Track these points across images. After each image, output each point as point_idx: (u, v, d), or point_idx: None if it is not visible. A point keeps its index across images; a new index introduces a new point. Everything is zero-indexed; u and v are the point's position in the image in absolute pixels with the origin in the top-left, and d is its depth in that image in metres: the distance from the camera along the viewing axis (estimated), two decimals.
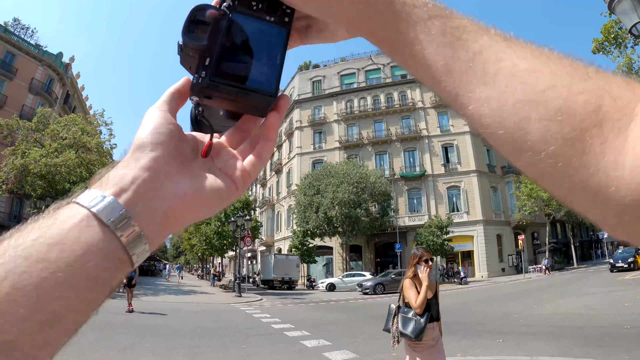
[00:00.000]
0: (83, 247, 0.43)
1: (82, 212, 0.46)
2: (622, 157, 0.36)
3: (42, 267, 0.40)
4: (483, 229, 48.94)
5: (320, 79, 64.08)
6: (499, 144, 0.44)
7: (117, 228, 0.46)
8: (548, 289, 25.77)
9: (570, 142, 0.38)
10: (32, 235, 0.43)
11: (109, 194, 0.48)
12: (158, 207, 0.50)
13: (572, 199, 0.41)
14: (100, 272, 0.44)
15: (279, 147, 67.30)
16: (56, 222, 0.45)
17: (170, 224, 0.53)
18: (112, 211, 0.46)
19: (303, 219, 45.50)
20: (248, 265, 69.52)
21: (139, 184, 0.50)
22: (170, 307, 21.12)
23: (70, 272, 0.42)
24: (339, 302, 26.64)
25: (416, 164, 53.74)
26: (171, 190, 0.52)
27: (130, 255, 0.47)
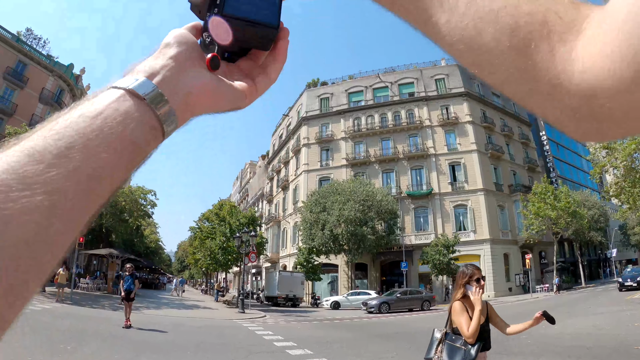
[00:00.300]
0: (122, 115, 0.51)
1: (119, 91, 0.53)
2: (569, 63, 0.42)
3: (90, 131, 0.47)
4: (490, 248, 48.45)
5: (328, 97, 64.26)
6: (464, 58, 0.50)
7: (152, 102, 0.54)
8: (556, 308, 25.35)
9: (520, 51, 0.45)
10: (75, 112, 0.50)
11: (142, 77, 0.56)
12: (184, 89, 0.59)
13: (531, 103, 0.48)
14: (138, 137, 0.52)
15: (286, 164, 67.39)
16: (96, 100, 0.52)
17: (193, 105, 0.61)
18: (146, 89, 0.55)
19: (309, 236, 45.28)
20: (252, 282, 69.33)
21: (167, 70, 0.59)
22: (173, 321, 20.90)
23: (112, 135, 0.49)
24: (344, 320, 26.34)
25: (423, 182, 53.52)
26: (195, 77, 0.61)
27: (163, 126, 0.56)
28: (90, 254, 47.77)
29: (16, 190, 0.41)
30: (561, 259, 55.19)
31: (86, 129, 0.48)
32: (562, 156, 79.74)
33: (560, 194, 46.71)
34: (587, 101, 0.42)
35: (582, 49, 0.42)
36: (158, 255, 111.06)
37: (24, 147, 0.45)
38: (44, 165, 0.43)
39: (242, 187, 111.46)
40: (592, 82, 0.41)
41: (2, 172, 0.41)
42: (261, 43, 0.71)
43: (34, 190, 0.41)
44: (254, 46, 0.72)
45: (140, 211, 46.16)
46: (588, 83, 0.41)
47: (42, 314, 17.56)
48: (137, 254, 69.76)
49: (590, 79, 0.41)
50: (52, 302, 23.63)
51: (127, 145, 0.50)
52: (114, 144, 0.49)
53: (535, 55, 0.44)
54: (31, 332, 12.77)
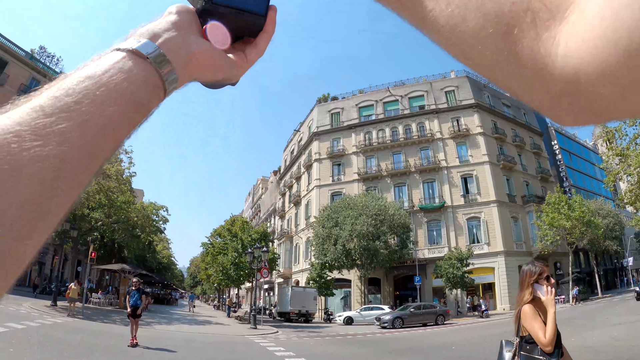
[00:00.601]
0: (126, 73, 0.55)
1: (122, 53, 0.57)
2: (554, 47, 0.43)
3: (96, 88, 0.52)
4: (504, 260, 47.83)
5: (338, 111, 64.37)
6: (450, 46, 0.52)
7: (154, 61, 0.59)
8: (572, 320, 24.89)
9: (504, 36, 0.46)
10: (82, 72, 0.54)
11: (144, 39, 0.61)
12: (184, 52, 0.64)
13: (516, 88, 0.49)
14: (141, 94, 0.56)
15: (298, 179, 67.46)
16: (101, 60, 0.56)
17: (193, 68, 0.66)
18: (148, 49, 0.59)
19: (321, 251, 45.05)
20: (265, 297, 69.06)
21: (168, 33, 0.64)
22: (184, 337, 20.77)
23: (117, 91, 0.53)
24: (357, 335, 26.04)
25: (435, 195, 53.20)
26: (194, 43, 0.66)
27: (165, 84, 0.60)
28: (103, 269, 47.90)
29: (29, 140, 0.44)
30: (577, 269, 54.27)
31: (93, 86, 0.51)
32: (574, 165, 78.95)
33: (574, 204, 46.07)
34: (570, 85, 0.43)
35: (566, 34, 0.43)
36: (170, 271, 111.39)
37: (35, 103, 0.48)
38: (54, 118, 0.47)
39: (254, 203, 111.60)
40: (575, 66, 0.41)
41: (15, 124, 0.45)
42: (250, 30, 0.76)
43: (45, 140, 0.45)
44: (242, 33, 0.77)
45: (152, 227, 46.28)
46: (572, 67, 0.42)
47: (54, 328, 17.52)
48: (149, 269, 69.97)
49: (574, 63, 0.42)
50: (64, 316, 23.59)
51: (131, 101, 0.54)
52: (119, 99, 0.52)
53: (518, 41, 0.45)
54: (42, 346, 12.72)
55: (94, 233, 36.25)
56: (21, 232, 0.42)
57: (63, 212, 0.48)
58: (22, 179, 0.42)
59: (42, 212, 0.44)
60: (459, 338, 22.33)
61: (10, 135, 0.44)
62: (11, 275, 0.42)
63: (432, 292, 49.06)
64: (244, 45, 0.78)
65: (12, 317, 19.03)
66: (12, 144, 0.43)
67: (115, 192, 35.14)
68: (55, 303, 28.23)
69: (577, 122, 0.47)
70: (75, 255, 40.48)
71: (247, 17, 0.73)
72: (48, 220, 0.46)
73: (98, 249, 40.53)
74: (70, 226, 31.01)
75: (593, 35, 0.39)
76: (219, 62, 0.70)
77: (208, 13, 0.71)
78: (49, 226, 0.46)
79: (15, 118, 0.46)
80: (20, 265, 0.43)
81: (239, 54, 0.76)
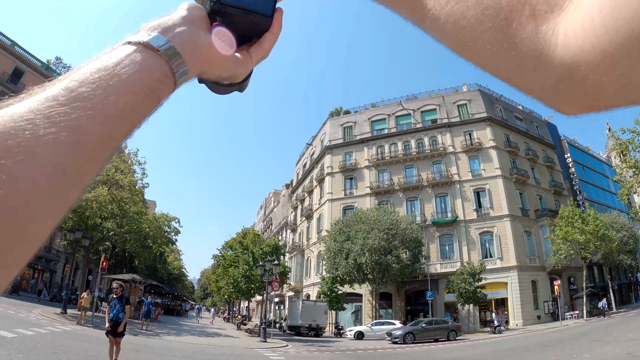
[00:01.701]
0: (139, 64, 0.58)
1: (134, 46, 0.61)
2: (554, 37, 0.45)
3: (110, 77, 0.54)
4: (517, 275, 47.08)
5: (351, 125, 64.43)
6: (449, 41, 0.55)
7: (166, 54, 0.62)
8: (586, 336, 24.42)
9: (502, 30, 0.48)
10: (95, 64, 0.57)
11: (155, 32, 0.64)
12: (193, 46, 0.67)
13: (516, 79, 0.51)
14: (153, 85, 0.59)
15: (310, 193, 67.44)
16: (114, 52, 0.59)
17: (201, 62, 0.69)
18: (160, 42, 0.62)
19: (332, 265, 44.79)
20: (275, 310, 68.76)
21: (179, 28, 0.67)
22: (192, 347, 20.65)
23: (130, 81, 0.56)
24: (367, 350, 25.74)
25: (448, 210, 52.78)
26: (203, 38, 0.70)
27: (175, 76, 0.63)
28: (113, 278, 48.01)
29: (43, 127, 0.46)
30: (591, 284, 53.35)
31: (106, 76, 0.54)
32: (588, 178, 78.09)
33: (588, 217, 45.31)
34: (570, 74, 0.44)
35: (565, 24, 0.44)
36: (181, 282, 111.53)
37: (49, 93, 0.51)
38: (67, 107, 0.49)
39: (266, 216, 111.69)
40: (575, 54, 0.43)
41: (29, 112, 0.47)
42: (256, 30, 0.79)
43: (59, 128, 0.47)
44: (249, 33, 0.80)
45: (163, 238, 46.33)
46: (571, 56, 0.43)
47: (62, 336, 17.45)
48: (160, 280, 70.06)
49: (573, 52, 0.43)
50: (73, 324, 23.59)
51: (143, 91, 0.57)
52: (132, 90, 0.55)
53: (517, 34, 0.47)
54: (50, 353, 12.65)
55: (105, 242, 36.40)
56: (35, 215, 0.44)
57: (75, 196, 0.50)
58: (36, 164, 0.44)
59: (55, 196, 0.46)
60: (471, 354, 21.98)
61: (24, 122, 0.45)
62: (24, 256, 0.44)
63: (444, 307, 48.49)
64: (249, 45, 0.81)
65: (21, 323, 19.01)
66: (27, 131, 0.45)
67: (128, 202, 35.23)
68: (65, 311, 28.27)
69: (578, 110, 0.47)
70: (87, 264, 40.56)
71: (254, 18, 0.76)
72: (60, 204, 0.47)
73: (109, 258, 40.77)
74: (83, 235, 31.09)
75: (592, 25, 0.40)
76: (226, 59, 0.73)
77: (216, 13, 0.74)
78: (61, 211, 0.48)
79: (30, 106, 0.48)
80: (33, 247, 0.45)
81: (244, 53, 0.78)
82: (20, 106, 0.48)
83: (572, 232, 43.84)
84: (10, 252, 0.42)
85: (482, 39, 0.50)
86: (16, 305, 27.17)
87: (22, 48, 52.10)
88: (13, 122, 0.45)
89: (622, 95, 0.42)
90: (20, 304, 30.27)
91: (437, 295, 47.15)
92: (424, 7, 0.55)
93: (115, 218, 35.04)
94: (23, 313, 24.06)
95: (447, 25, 0.53)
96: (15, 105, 0.48)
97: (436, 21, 0.54)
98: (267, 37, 0.80)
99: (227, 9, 0.74)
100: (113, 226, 35.19)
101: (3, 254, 0.42)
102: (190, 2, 0.75)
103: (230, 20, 0.75)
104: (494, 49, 0.49)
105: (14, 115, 0.46)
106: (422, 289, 47.40)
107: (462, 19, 0.50)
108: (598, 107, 0.46)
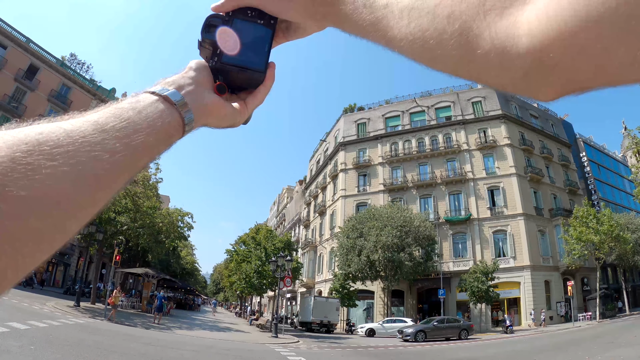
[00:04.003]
0: (160, 112, 0.71)
1: (156, 97, 0.73)
2: (516, 29, 0.47)
3: (138, 119, 0.67)
4: (530, 275, 46.53)
5: (365, 122, 64.24)
6: (420, 59, 0.60)
7: (180, 108, 0.75)
8: (599, 338, 24.11)
9: (462, 36, 0.52)
10: (126, 105, 0.69)
11: (172, 88, 0.77)
12: (200, 103, 0.80)
13: (486, 78, 0.54)
14: (169, 130, 0.72)
15: (323, 189, 67.37)
16: (140, 98, 0.72)
17: (205, 116, 0.81)
18: (176, 97, 0.76)
19: (345, 261, 44.71)
20: (287, 306, 68.92)
21: (190, 86, 0.81)
22: (203, 342, 20.71)
23: (153, 124, 0.68)
24: (378, 348, 25.66)
25: (461, 208, 52.39)
26: (207, 96, 0.83)
27: (184, 126, 0.76)
28: (127, 272, 48.40)
29: (88, 145, 0.56)
30: (604, 285, 52.63)
31: (136, 116, 0.66)
32: (603, 177, 77.08)
33: (603, 217, 44.54)
34: (539, 62, 0.46)
35: (527, 13, 0.46)
36: (194, 277, 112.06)
37: (89, 119, 0.61)
38: (106, 134, 0.60)
39: (279, 212, 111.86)
40: (542, 41, 0.44)
41: (72, 132, 0.56)
42: (251, 83, 0.91)
43: (101, 147, 0.57)
44: (245, 85, 0.92)
45: (177, 233, 46.58)
46: (538, 43, 0.45)
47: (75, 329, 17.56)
48: (173, 274, 70.42)
49: (539, 39, 0.44)
50: (86, 317, 23.80)
51: (162, 134, 0.70)
52: (154, 131, 0.67)
53: (479, 36, 0.50)
54: (63, 345, 12.74)
55: (119, 237, 36.60)
56: (73, 210, 0.53)
57: (100, 205, 0.59)
58: (81, 171, 0.53)
59: (88, 200, 0.55)
60: (483, 354, 21.82)
61: (74, 137, 0.55)
62: (56, 245, 0.53)
63: (456, 306, 48.17)
64: (246, 94, 0.93)
65: (35, 315, 19.20)
66: (75, 144, 0.55)
67: (142, 197, 35.42)
68: (78, 304, 28.50)
69: (553, 95, 0.49)
70: (100, 257, 40.92)
71: (250, 74, 0.88)
72: (90, 207, 0.57)
73: (123, 252, 40.95)
74: (97, 229, 31.35)
75: (560, 9, 0.42)
76: (226, 113, 0.86)
77: (217, 70, 0.87)
78: (90, 213, 0.58)
79: (75, 126, 0.58)
80: (63, 239, 0.55)
81: (241, 103, 0.90)
82: (69, 124, 0.58)
83: (586, 232, 43.29)
84: (47, 238, 0.50)
85: (447, 49, 0.53)
86: (30, 298, 27.46)
87: (36, 44, 52.51)
88: (67, 137, 0.55)
89: (597, 77, 0.43)
90: (34, 296, 30.60)
91: (449, 294, 46.85)
92: (388, 34, 0.62)
93: (129, 212, 35.22)
94: (37, 305, 24.31)
95: (412, 45, 0.58)
96: (66, 122, 0.59)
97: (401, 43, 0.60)
98: (260, 90, 0.92)
99: (226, 67, 0.86)
100: (127, 220, 35.37)
101: (44, 242, 0.50)
102: (198, 62, 0.88)
103: (229, 76, 0.87)
104: (460, 56, 0.53)
105: (66, 130, 0.56)
106: (434, 287, 47.05)
107: (424, 34, 0.55)
108: (573, 90, 0.47)
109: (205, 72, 0.86)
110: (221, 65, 0.86)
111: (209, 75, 0.87)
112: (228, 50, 0.86)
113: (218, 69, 0.87)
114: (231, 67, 0.87)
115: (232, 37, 0.87)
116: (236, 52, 0.87)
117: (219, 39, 0.87)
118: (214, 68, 0.87)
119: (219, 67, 0.87)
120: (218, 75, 0.87)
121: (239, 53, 0.87)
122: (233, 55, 0.87)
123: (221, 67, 0.87)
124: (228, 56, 0.87)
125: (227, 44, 0.86)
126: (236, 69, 0.87)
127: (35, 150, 0.50)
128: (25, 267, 0.48)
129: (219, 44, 0.87)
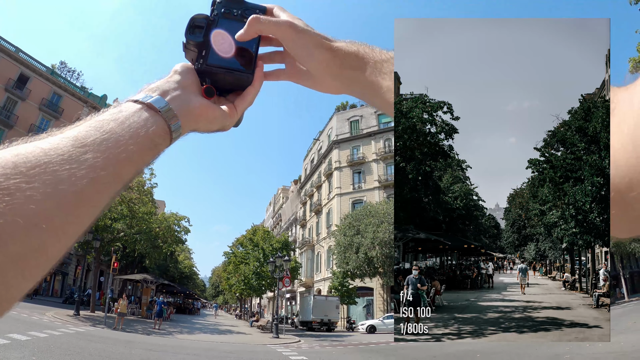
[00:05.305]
0: (144, 121, 0.68)
1: (139, 105, 0.72)
2: None
3: (121, 130, 0.65)
4: None
5: (357, 119, 64.15)
6: None
7: (165, 114, 0.73)
8: None
9: None
10: (107, 116, 0.67)
11: (156, 94, 0.75)
12: (187, 107, 0.78)
13: None
14: (154, 139, 0.69)
15: (319, 188, 67.27)
16: (122, 108, 0.70)
17: (193, 121, 0.79)
18: (160, 104, 0.73)
19: (343, 259, 44.66)
20: (287, 306, 68.85)
21: (175, 92, 0.78)
22: (204, 346, 20.70)
23: (137, 134, 0.66)
24: (379, 344, 25.67)
25: None
26: (194, 100, 0.80)
27: (171, 133, 0.74)
28: (125, 279, 48.33)
29: (67, 163, 0.54)
30: None
31: (117, 127, 0.64)
32: None
33: None
34: None
35: None
36: (192, 281, 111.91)
37: (68, 135, 0.59)
38: (86, 149, 0.58)
39: (275, 213, 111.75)
40: None
41: (50, 150, 0.55)
42: (239, 85, 0.89)
43: (79, 164, 0.55)
44: (233, 87, 0.90)
45: (173, 237, 46.48)
46: None
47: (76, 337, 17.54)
48: (171, 279, 70.30)
49: None
50: (87, 325, 23.73)
51: (147, 143, 0.67)
52: (138, 141, 0.65)
53: None
54: (64, 354, 12.71)
55: (116, 244, 36.54)
56: (55, 230, 0.51)
57: (87, 221, 0.58)
58: (60, 189, 0.52)
59: (70, 217, 0.54)
60: (484, 346, 21.89)
61: (52, 155, 0.54)
62: (43, 267, 0.51)
63: None
64: (235, 96, 0.91)
65: (35, 325, 19.14)
66: (53, 163, 0.53)
67: (137, 203, 35.37)
68: (78, 312, 28.42)
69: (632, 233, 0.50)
70: (98, 265, 40.78)
71: (237, 75, 0.86)
72: (74, 225, 0.55)
73: (120, 259, 40.89)
74: (93, 237, 31.27)
75: None
76: (214, 116, 0.84)
77: (204, 73, 0.85)
78: (76, 232, 0.56)
79: (51, 146, 0.56)
80: (50, 262, 0.52)
81: (230, 105, 0.88)
82: (47, 142, 0.56)
83: None
84: (30, 263, 0.48)
85: None
86: (29, 309, 27.36)
87: (26, 54, 52.26)
88: (45, 156, 0.53)
89: None
90: (32, 307, 30.52)
91: None
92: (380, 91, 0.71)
93: (125, 219, 35.14)
94: (36, 316, 24.22)
95: None
96: (43, 141, 0.57)
97: None
98: (249, 91, 0.90)
99: (212, 69, 0.84)
100: (123, 227, 35.30)
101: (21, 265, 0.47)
102: (184, 65, 0.85)
103: (216, 78, 0.85)
104: None
105: (44, 149, 0.54)
106: None
107: None
108: None
109: (191, 75, 0.84)
110: (207, 68, 0.84)
111: (195, 78, 0.84)
112: (214, 51, 0.84)
113: (204, 71, 0.84)
114: (218, 69, 0.84)
115: (219, 38, 0.84)
116: (223, 53, 0.85)
117: (204, 40, 0.84)
118: (200, 71, 0.84)
119: (206, 70, 0.84)
120: (205, 78, 0.85)
121: (226, 54, 0.85)
122: (219, 56, 0.84)
123: (208, 70, 0.84)
124: (214, 58, 0.84)
125: (213, 46, 0.84)
126: (223, 71, 0.85)
127: (11, 174, 0.48)
128: (11, 296, 0.47)
129: (205, 46, 0.84)
